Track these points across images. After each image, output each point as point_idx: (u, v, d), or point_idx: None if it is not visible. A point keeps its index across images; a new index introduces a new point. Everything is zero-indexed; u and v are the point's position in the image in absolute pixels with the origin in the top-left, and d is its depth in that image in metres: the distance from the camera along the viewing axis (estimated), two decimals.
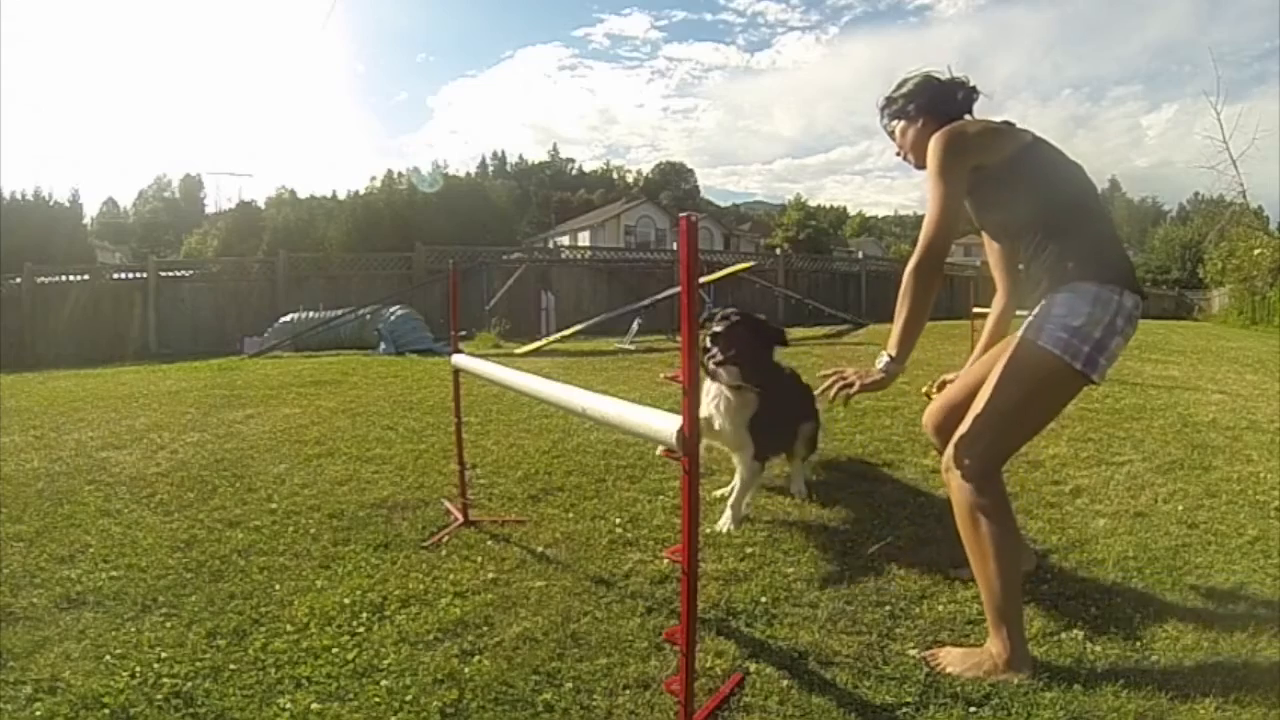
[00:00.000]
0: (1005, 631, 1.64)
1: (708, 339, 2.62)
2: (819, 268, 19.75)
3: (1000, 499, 1.71)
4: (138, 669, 1.68)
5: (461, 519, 2.60)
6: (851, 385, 1.71)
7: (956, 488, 1.72)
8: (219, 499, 2.93)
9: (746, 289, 13.21)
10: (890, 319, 1.77)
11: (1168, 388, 5.42)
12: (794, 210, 48.04)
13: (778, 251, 24.89)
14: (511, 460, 3.44)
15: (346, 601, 2.01)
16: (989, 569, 1.66)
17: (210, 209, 52.83)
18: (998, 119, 1.85)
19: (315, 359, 8.76)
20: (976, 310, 6.63)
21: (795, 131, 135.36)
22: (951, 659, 1.68)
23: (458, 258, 13.69)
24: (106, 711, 1.53)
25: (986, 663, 1.64)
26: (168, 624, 1.91)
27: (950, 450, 1.74)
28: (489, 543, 2.45)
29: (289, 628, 1.88)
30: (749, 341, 2.64)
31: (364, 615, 1.94)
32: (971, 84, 1.91)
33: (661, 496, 2.86)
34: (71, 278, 14.28)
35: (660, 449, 1.36)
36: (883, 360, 1.71)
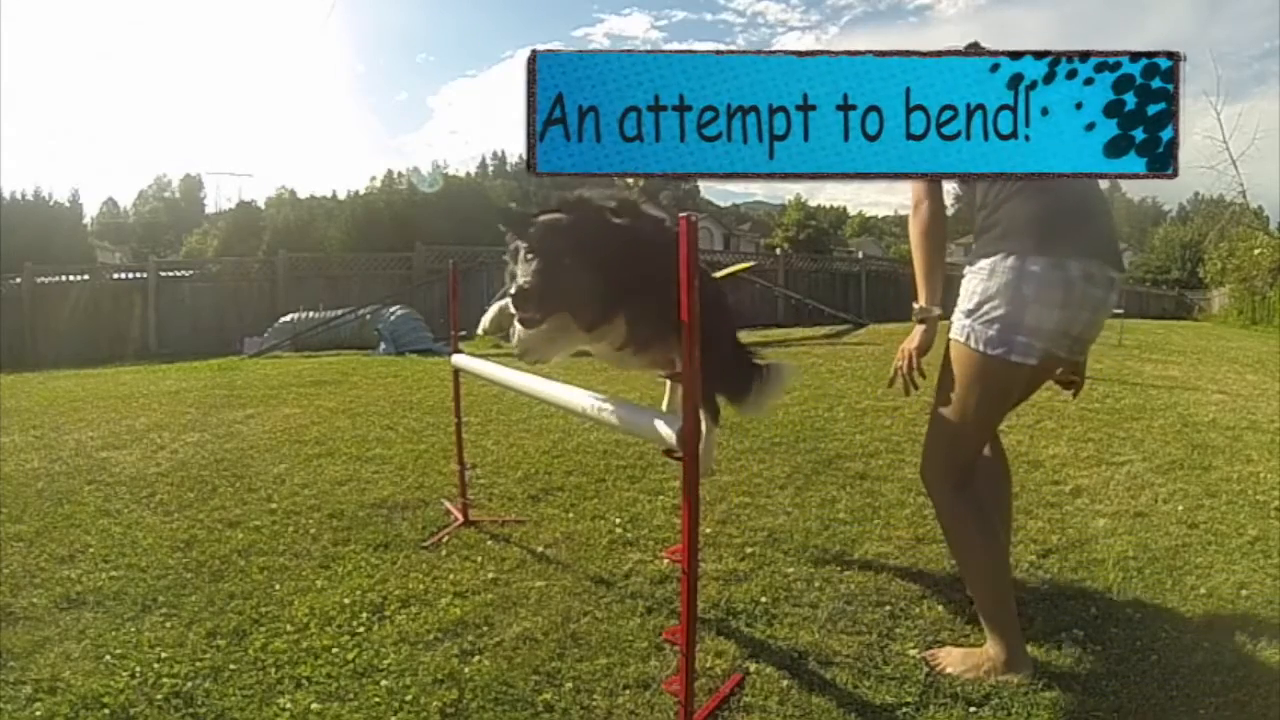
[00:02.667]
0: (1001, 633, 1.64)
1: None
2: (819, 268, 19.71)
3: (978, 503, 1.69)
4: (138, 669, 1.68)
5: (461, 519, 2.60)
6: (909, 359, 1.69)
7: (932, 497, 1.73)
8: (219, 499, 2.93)
9: (746, 289, 13.21)
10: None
11: (1168, 388, 5.41)
12: (794, 210, 47.95)
13: (778, 251, 24.86)
14: (511, 460, 3.44)
15: (346, 601, 2.01)
16: (975, 573, 1.66)
17: (210, 209, 52.67)
18: None
19: (315, 359, 8.76)
20: None
21: None
22: (951, 659, 1.68)
23: (457, 258, 13.65)
24: (106, 711, 1.53)
25: (986, 663, 1.64)
26: (168, 624, 1.91)
27: (921, 461, 1.75)
28: (489, 543, 2.45)
29: (289, 628, 1.88)
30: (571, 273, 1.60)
31: (364, 615, 1.94)
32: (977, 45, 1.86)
33: (661, 496, 2.86)
34: (71, 278, 14.27)
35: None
36: (915, 312, 1.67)
